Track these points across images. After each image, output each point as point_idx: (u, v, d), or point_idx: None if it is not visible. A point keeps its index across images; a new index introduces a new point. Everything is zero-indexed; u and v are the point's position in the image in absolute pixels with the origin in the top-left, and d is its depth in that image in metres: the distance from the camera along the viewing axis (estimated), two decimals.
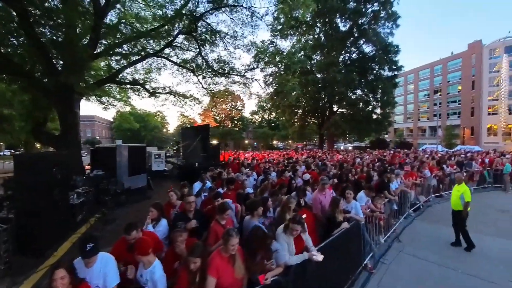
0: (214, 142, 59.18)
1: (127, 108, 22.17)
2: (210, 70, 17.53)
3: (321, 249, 3.71)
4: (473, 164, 13.29)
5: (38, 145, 30.66)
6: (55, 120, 15.89)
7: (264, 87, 21.23)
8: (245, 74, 18.51)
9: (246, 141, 73.32)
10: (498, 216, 8.65)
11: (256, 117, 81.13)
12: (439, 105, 54.27)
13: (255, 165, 12.11)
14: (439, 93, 56.42)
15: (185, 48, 16.75)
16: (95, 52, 12.26)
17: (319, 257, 3.39)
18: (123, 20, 13.73)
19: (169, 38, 15.01)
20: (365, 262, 5.11)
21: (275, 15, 34.10)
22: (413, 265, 5.39)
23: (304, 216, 3.95)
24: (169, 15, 14.05)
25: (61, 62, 11.51)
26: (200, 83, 19.01)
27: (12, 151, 42.62)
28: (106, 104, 18.50)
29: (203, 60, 17.07)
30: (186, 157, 17.46)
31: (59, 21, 9.81)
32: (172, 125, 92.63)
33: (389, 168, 9.45)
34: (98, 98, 17.73)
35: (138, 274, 2.97)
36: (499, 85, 46.01)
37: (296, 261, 3.34)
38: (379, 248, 5.92)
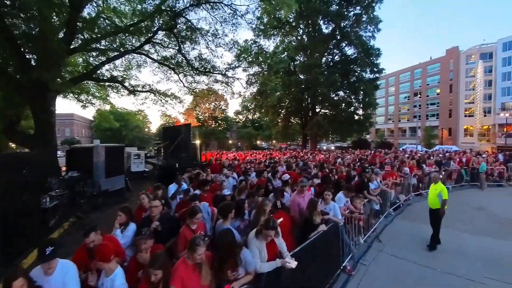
0: (197, 142, 58.66)
1: (107, 107, 21.57)
2: (190, 68, 17.16)
3: (297, 253, 3.50)
4: (451, 164, 13.58)
5: (13, 145, 29.00)
6: (30, 118, 14.83)
7: (246, 87, 20.95)
8: (227, 72, 18.22)
9: (230, 141, 72.73)
10: (474, 214, 8.80)
11: (240, 117, 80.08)
12: (419, 107, 56.61)
13: (236, 166, 11.83)
14: (419, 96, 58.39)
15: (165, 45, 16.32)
16: (71, 47, 11.66)
17: (293, 264, 3.15)
18: (102, 15, 13.09)
19: (149, 34, 14.53)
20: (344, 264, 4.96)
21: (258, 15, 33.95)
22: (392, 265, 5.29)
23: (280, 219, 3.75)
24: (148, 10, 13.61)
25: (35, 57, 10.94)
26: (181, 81, 18.56)
27: None
28: (84, 102, 17.76)
29: (183, 58, 16.66)
30: (167, 158, 16.92)
31: (32, 12, 9.08)
32: (154, 124, 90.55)
33: (369, 167, 9.40)
34: (76, 96, 16.98)
35: (99, 282, 2.75)
36: (475, 89, 48.13)
37: (268, 268, 3.10)
38: (358, 248, 5.81)
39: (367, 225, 6.57)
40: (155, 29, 14.49)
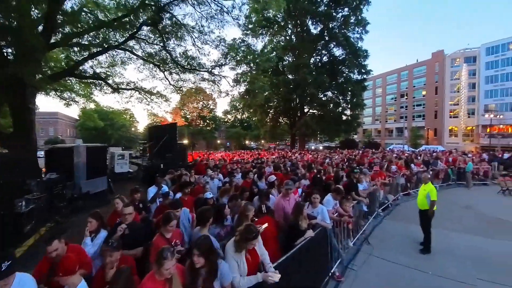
0: (185, 141, 57.75)
1: (91, 105, 20.67)
2: (176, 65, 16.61)
3: (282, 263, 3.16)
4: (438, 163, 13.64)
5: None
6: (8, 117, 14.32)
7: (234, 85, 20.57)
8: (213, 70, 17.73)
9: (218, 141, 71.88)
10: (462, 213, 8.78)
11: (229, 116, 79.61)
12: (405, 108, 57.94)
13: (222, 166, 11.43)
14: (405, 97, 59.50)
15: (150, 41, 15.63)
16: (51, 42, 11.13)
17: (275, 277, 2.79)
18: (84, 8, 12.43)
19: (133, 29, 13.84)
20: (332, 270, 4.68)
21: (247, 13, 33.66)
22: (382, 269, 5.07)
23: (264, 225, 3.45)
24: (132, 4, 12.91)
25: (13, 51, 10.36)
26: (167, 79, 17.87)
27: None
28: (67, 100, 16.87)
29: (168, 55, 16.05)
30: (151, 158, 16.17)
31: (9, 4, 8.50)
32: (142, 124, 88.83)
33: (357, 167, 9.17)
34: (59, 94, 16.13)
35: None
36: (459, 91, 49.41)
37: (247, 284, 2.74)
38: (347, 252, 5.55)
39: (356, 227, 6.33)
40: (139, 24, 13.70)
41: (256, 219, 3.89)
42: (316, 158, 17.69)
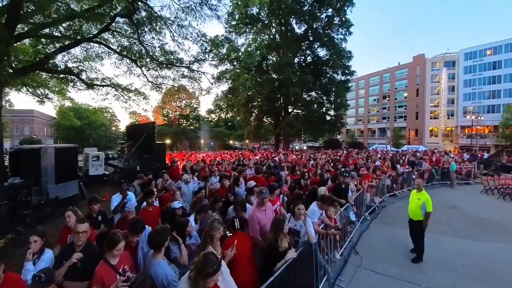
0: (168, 141, 55.99)
1: (66, 102, 19.33)
2: (151, 60, 15.68)
3: None
4: (423, 164, 13.44)
5: None
6: None
7: (214, 82, 19.72)
8: (191, 66, 16.85)
9: (202, 141, 70.28)
10: (450, 214, 8.58)
11: (213, 116, 77.86)
12: (388, 109, 58.66)
13: (201, 168, 10.63)
14: (387, 98, 60.36)
15: (126, 35, 14.57)
16: (18, 33, 10.26)
17: None
18: None
19: (107, 21, 12.76)
20: None
21: (230, 10, 32.86)
22: (372, 282, 4.58)
23: (230, 251, 2.84)
24: None
25: None
26: (145, 75, 16.85)
27: None
28: (41, 97, 15.76)
29: (142, 48, 14.94)
30: (128, 159, 15.54)
31: None
32: (124, 123, 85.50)
33: (346, 171, 8.66)
34: (32, 90, 15.09)
35: None
36: (439, 93, 50.80)
37: None
38: (334, 266, 5.01)
39: (342, 235, 5.78)
40: (113, 15, 12.67)
41: (229, 234, 3.26)
42: (300, 158, 17.18)
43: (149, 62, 16.12)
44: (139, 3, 13.08)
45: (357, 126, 68.64)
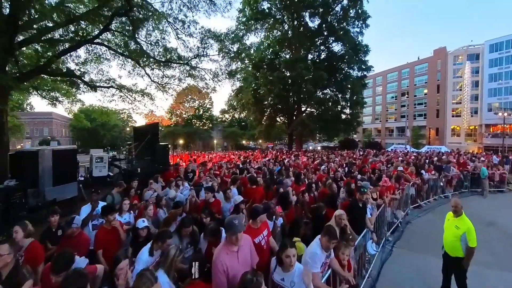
0: (181, 142, 56.30)
1: (78, 104, 19.04)
2: (147, 57, 15.20)
3: None
4: (451, 168, 11.81)
5: None
6: None
7: (215, 79, 18.95)
8: (190, 62, 16.25)
9: (215, 141, 70.05)
10: (488, 234, 6.97)
11: (227, 116, 77.88)
12: (407, 107, 55.86)
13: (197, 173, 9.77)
14: (406, 96, 57.56)
15: (124, 33, 14.21)
16: (22, 39, 10.92)
17: None
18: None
19: (106, 21, 12.49)
20: None
21: (240, 7, 32.24)
22: None
23: None
24: None
25: None
26: (148, 75, 16.37)
27: None
28: (52, 99, 15.89)
29: (138, 46, 14.49)
30: (131, 161, 15.38)
31: None
32: (140, 123, 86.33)
33: (360, 178, 7.35)
34: (46, 93, 15.39)
35: None
36: (462, 89, 47.68)
37: None
38: None
39: (358, 271, 4.50)
40: (111, 14, 12.36)
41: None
42: (312, 161, 15.83)
43: (151, 62, 15.66)
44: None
45: (374, 125, 66.16)
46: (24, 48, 12.44)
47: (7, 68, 11.06)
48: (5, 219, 6.88)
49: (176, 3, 13.80)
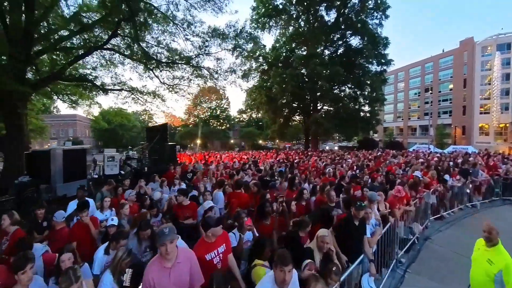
0: (198, 142, 57.26)
1: (96, 107, 20.96)
2: (147, 58, 15.98)
3: None
4: (480, 173, 10.35)
5: None
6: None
7: (222, 75, 18.83)
8: (192, 62, 16.93)
9: (232, 141, 70.26)
10: None
11: (244, 116, 77.75)
12: (430, 103, 52.80)
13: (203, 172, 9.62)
14: (430, 92, 54.34)
15: (130, 37, 14.92)
16: (39, 49, 12.24)
17: None
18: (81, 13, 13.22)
19: (114, 27, 13.48)
20: None
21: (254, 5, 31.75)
22: None
23: None
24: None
25: None
26: (157, 77, 17.18)
27: None
28: (70, 102, 17.96)
29: (139, 50, 15.31)
30: (141, 160, 16.48)
31: None
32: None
33: (360, 200, 6.23)
34: (65, 97, 17.41)
35: None
36: (491, 83, 44.25)
37: None
38: None
39: None
40: (117, 20, 13.28)
41: None
42: (324, 161, 14.78)
43: (156, 64, 16.51)
44: (141, 3, 13.28)
45: (395, 123, 63.16)
46: (45, 56, 13.83)
47: (29, 75, 13.18)
48: (17, 212, 7.41)
49: (181, 5, 14.58)
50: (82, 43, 14.14)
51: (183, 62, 16.57)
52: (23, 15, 10.76)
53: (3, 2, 10.50)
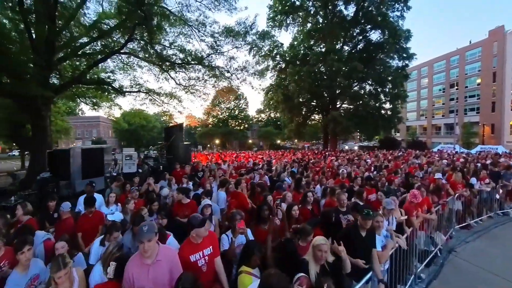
0: (217, 142, 58.48)
1: (116, 109, 21.88)
2: (161, 60, 16.72)
3: None
4: None
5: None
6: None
7: (226, 76, 18.99)
8: (207, 62, 17.46)
9: (250, 141, 70.82)
10: None
11: (263, 115, 77.90)
12: (456, 100, 49.37)
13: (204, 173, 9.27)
14: (456, 87, 51.17)
15: (145, 41, 15.74)
16: (60, 56, 13.23)
17: None
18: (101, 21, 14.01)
19: (129, 32, 14.46)
20: None
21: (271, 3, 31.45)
22: None
23: None
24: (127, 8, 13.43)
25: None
26: (172, 78, 18.06)
27: None
28: (91, 104, 18.76)
29: (153, 51, 16.05)
30: (157, 159, 16.96)
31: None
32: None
33: (366, 207, 5.68)
34: (88, 100, 18.34)
35: None
36: None
37: None
38: None
39: None
40: (132, 25, 14.10)
41: None
42: (332, 164, 14.04)
43: (171, 66, 17.20)
44: (155, 7, 14.06)
45: (419, 122, 60.45)
46: (67, 62, 14.95)
47: (54, 80, 14.47)
48: (39, 205, 7.61)
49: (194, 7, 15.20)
50: (100, 48, 15.02)
51: (195, 63, 16.99)
52: (46, 26, 11.54)
53: (29, 15, 11.45)
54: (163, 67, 17.12)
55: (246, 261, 2.94)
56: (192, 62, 17.02)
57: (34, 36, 11.62)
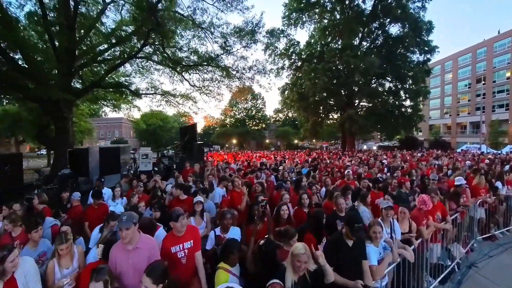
0: (234, 141, 59.36)
1: (135, 110, 23.20)
2: (175, 63, 17.43)
3: None
4: None
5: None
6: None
7: (236, 76, 19.21)
8: (212, 62, 17.96)
9: (267, 140, 71.28)
10: None
11: (280, 115, 77.69)
12: (483, 96, 46.19)
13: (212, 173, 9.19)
14: (483, 82, 47.76)
15: (159, 45, 16.44)
16: (82, 62, 14.49)
17: None
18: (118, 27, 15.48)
19: (144, 38, 15.14)
20: None
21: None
22: None
23: None
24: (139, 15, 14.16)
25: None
26: (187, 80, 18.84)
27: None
28: (112, 106, 20.69)
29: (166, 54, 16.81)
30: (171, 158, 17.55)
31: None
32: (200, 125, 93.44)
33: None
34: (111, 102, 20.11)
35: None
36: None
37: None
38: None
39: None
40: (146, 31, 14.74)
41: None
42: (342, 164, 13.38)
43: (184, 68, 17.95)
44: (166, 12, 14.71)
45: (442, 120, 57.55)
46: (88, 68, 16.27)
47: (76, 84, 15.96)
48: (58, 199, 8.21)
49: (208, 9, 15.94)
50: (118, 54, 16.20)
51: (206, 64, 17.80)
52: (67, 36, 12.48)
53: (52, 27, 12.65)
54: (177, 69, 17.89)
55: (225, 258, 3.01)
56: (204, 64, 17.80)
57: (56, 45, 12.76)
